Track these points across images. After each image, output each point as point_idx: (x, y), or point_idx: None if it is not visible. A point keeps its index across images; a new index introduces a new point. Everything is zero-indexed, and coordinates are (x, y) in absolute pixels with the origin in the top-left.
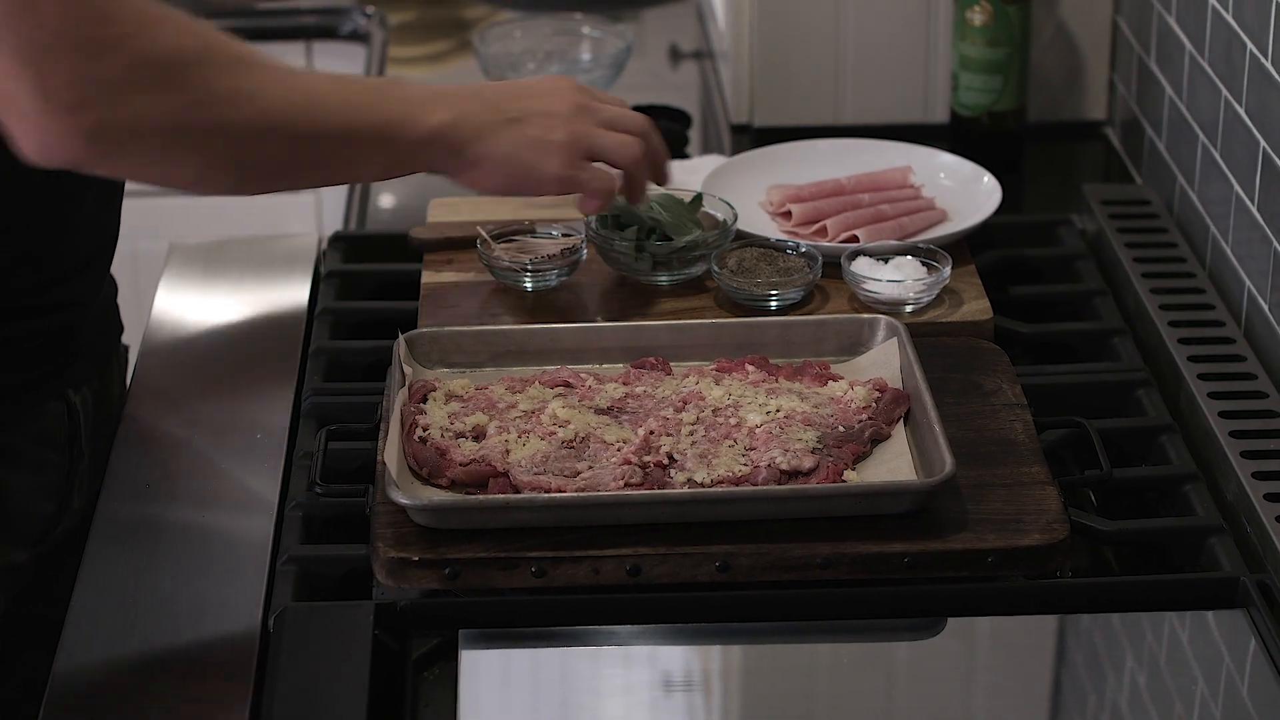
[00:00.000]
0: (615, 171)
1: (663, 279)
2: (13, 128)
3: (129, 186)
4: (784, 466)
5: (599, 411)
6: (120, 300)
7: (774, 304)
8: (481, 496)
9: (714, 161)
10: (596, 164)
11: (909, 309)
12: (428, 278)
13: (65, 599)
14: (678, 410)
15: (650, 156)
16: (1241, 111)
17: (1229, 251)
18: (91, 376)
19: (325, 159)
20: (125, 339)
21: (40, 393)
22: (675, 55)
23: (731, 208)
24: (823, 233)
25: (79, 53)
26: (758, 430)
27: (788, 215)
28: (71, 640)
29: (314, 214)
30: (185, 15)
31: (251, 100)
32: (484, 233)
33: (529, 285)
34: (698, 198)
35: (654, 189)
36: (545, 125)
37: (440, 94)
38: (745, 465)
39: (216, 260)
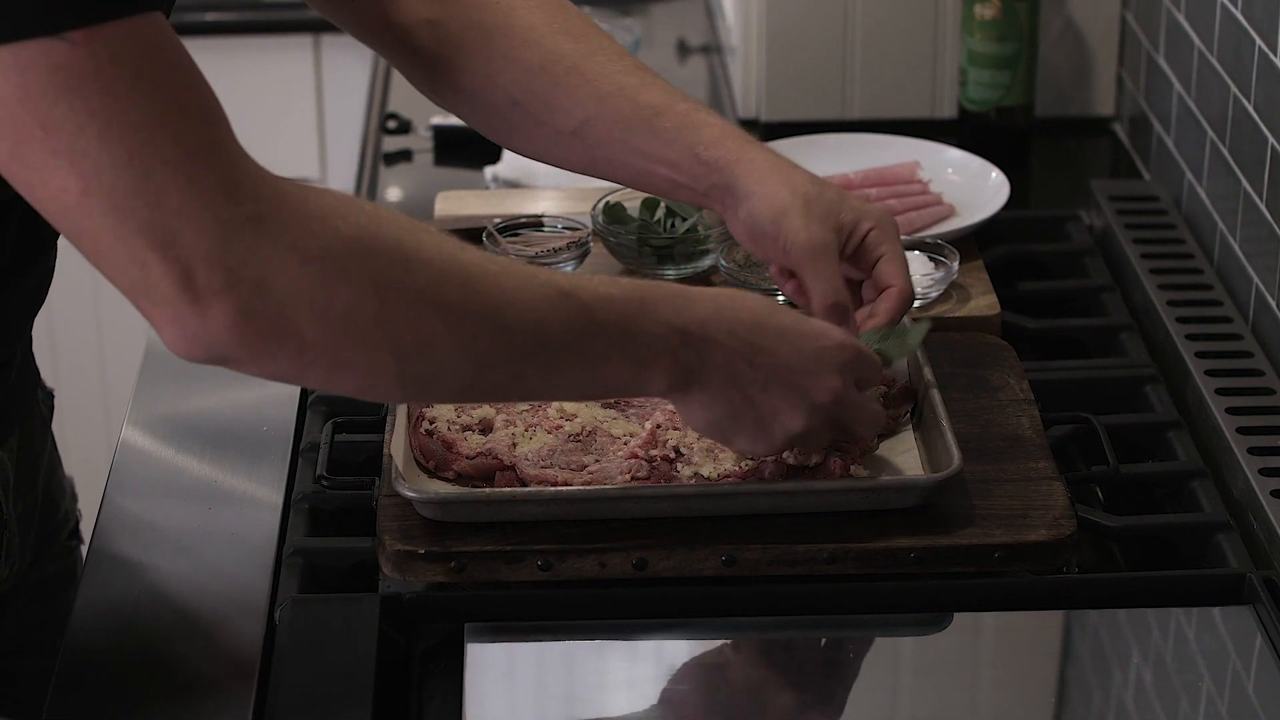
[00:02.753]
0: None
1: (669, 273)
2: (153, 319)
3: None
4: (790, 461)
5: (605, 405)
6: (121, 300)
7: (781, 298)
8: (488, 490)
9: None
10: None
11: (916, 304)
12: None
13: (6, 651)
14: None
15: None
16: (1250, 108)
17: (1237, 248)
18: (9, 437)
19: (512, 384)
20: (126, 340)
21: None
22: (683, 50)
23: None
24: None
25: (213, 234)
26: None
27: None
28: (77, 630)
29: None
30: (333, 191)
31: (434, 308)
32: (491, 226)
33: None
34: None
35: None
36: (782, 410)
37: (682, 331)
38: (751, 460)
39: None
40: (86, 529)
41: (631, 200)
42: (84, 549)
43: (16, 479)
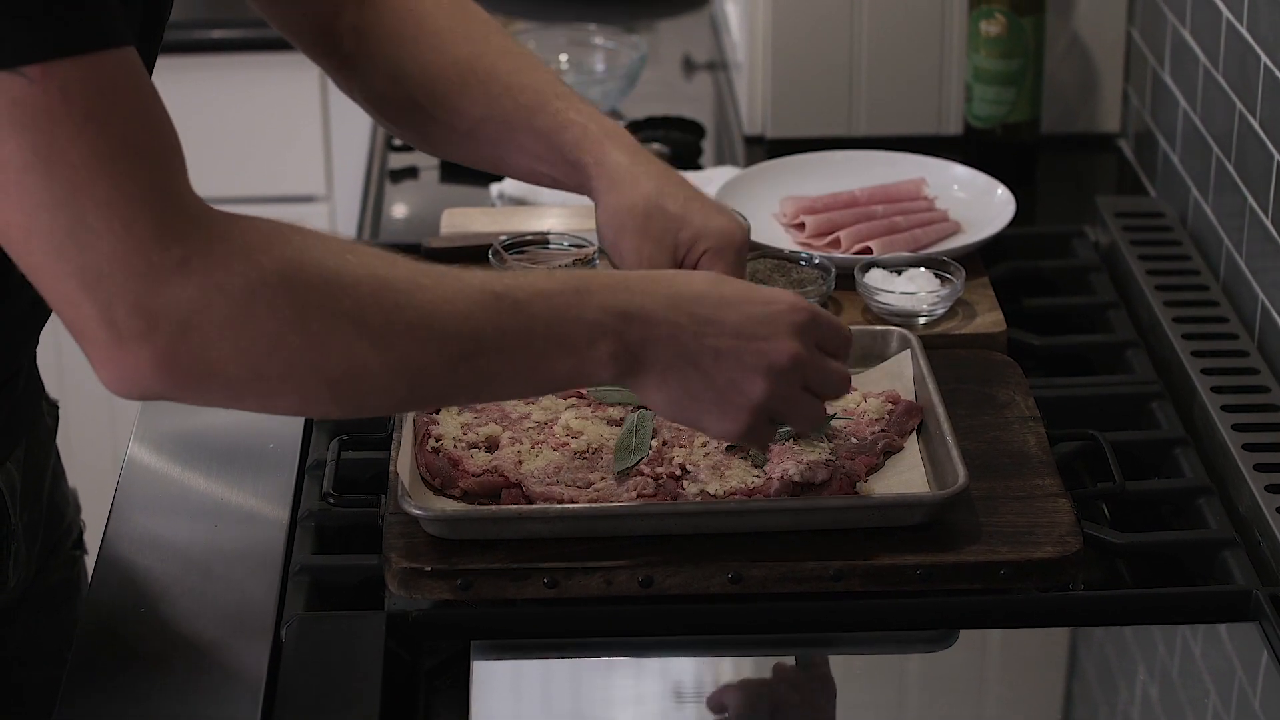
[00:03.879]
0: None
1: None
2: (88, 357)
3: None
4: (796, 478)
5: (612, 423)
6: None
7: None
8: (494, 507)
9: (727, 173)
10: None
11: (922, 321)
12: None
13: (12, 661)
14: None
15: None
16: (1255, 124)
17: (1242, 264)
18: (15, 449)
19: (451, 391)
20: None
21: None
22: (689, 66)
23: (744, 219)
24: (836, 244)
25: (139, 278)
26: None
27: (801, 227)
28: (83, 649)
29: (328, 223)
30: (265, 222)
31: (359, 331)
32: (496, 244)
33: None
34: None
35: None
36: (739, 379)
37: (621, 314)
38: (758, 477)
39: None
40: (92, 543)
41: None
42: (88, 559)
43: (23, 490)
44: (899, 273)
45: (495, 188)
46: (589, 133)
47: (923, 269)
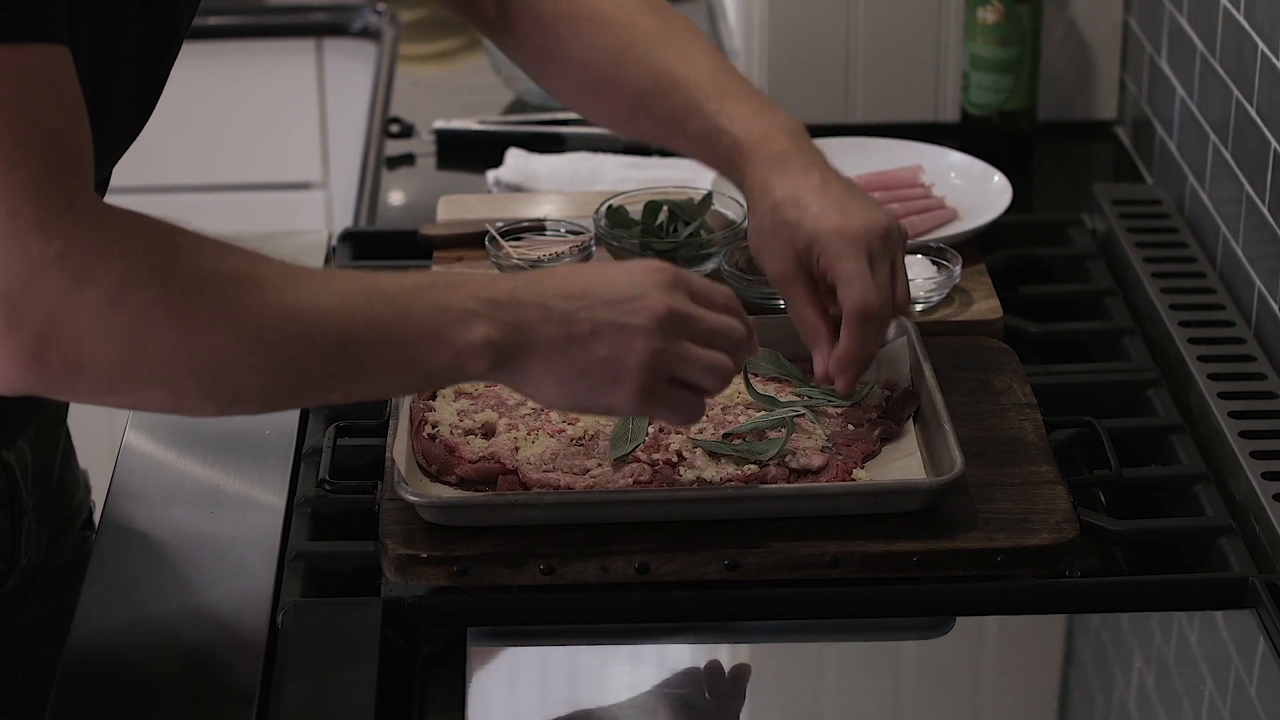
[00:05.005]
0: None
1: None
2: None
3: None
4: (793, 465)
5: None
6: None
7: (784, 303)
8: (490, 494)
9: None
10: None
11: (919, 308)
12: None
13: (20, 641)
14: None
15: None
16: (1252, 111)
17: (1239, 251)
18: (27, 428)
19: (324, 387)
20: None
21: None
22: None
23: (742, 206)
24: None
25: (12, 269)
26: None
27: None
28: (79, 636)
29: (324, 211)
30: (149, 221)
31: (230, 328)
32: (493, 230)
33: None
34: (707, 197)
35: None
36: (622, 344)
37: (491, 300)
38: (754, 464)
39: None
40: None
41: (634, 204)
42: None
43: (34, 468)
44: None
45: (492, 174)
46: (739, 147)
47: (919, 256)
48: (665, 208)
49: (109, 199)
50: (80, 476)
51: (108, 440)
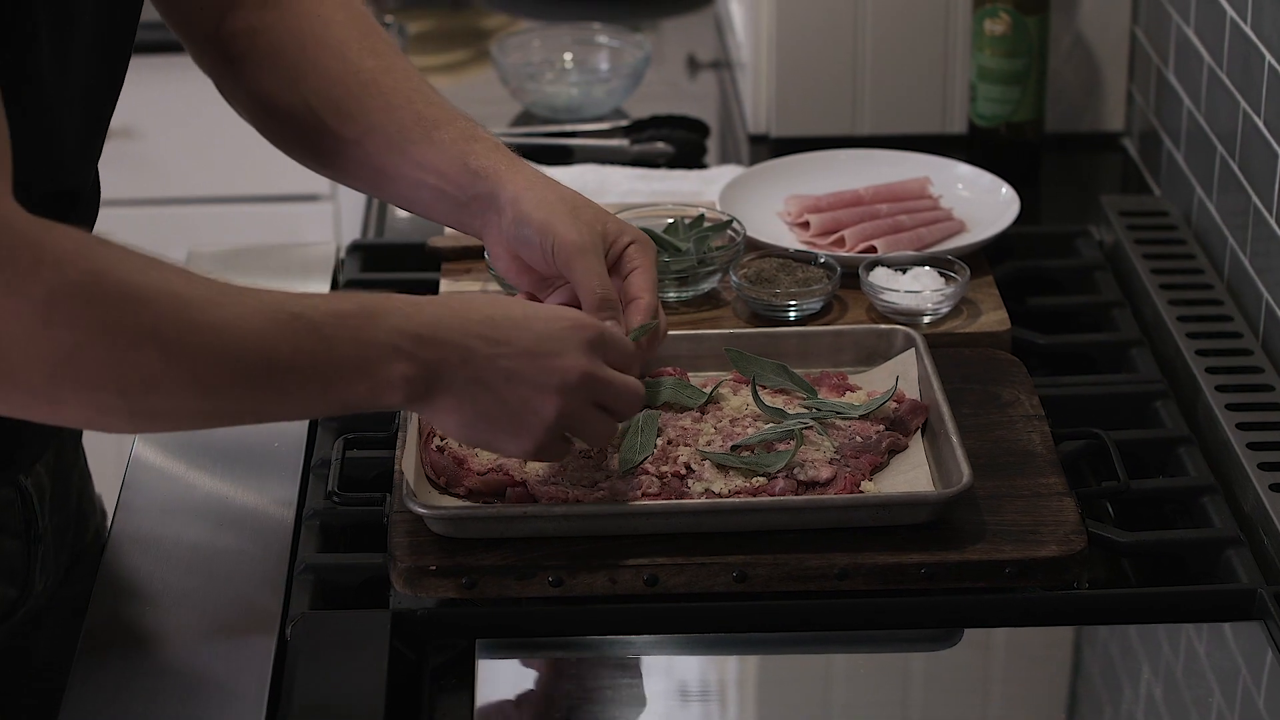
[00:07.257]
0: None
1: (670, 295)
2: None
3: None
4: (801, 477)
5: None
6: None
7: (793, 314)
8: (499, 506)
9: (732, 172)
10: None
11: (927, 319)
12: (446, 286)
13: (38, 667)
14: (695, 420)
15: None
16: (1260, 123)
17: (1247, 263)
18: (45, 453)
19: (240, 410)
20: None
21: None
22: (693, 65)
23: (735, 230)
24: (841, 243)
25: None
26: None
27: (806, 226)
28: (89, 647)
29: (332, 222)
30: (77, 233)
31: (155, 345)
32: None
33: None
34: (699, 218)
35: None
36: (531, 400)
37: (414, 336)
38: (764, 476)
39: (234, 268)
40: None
41: (637, 221)
42: None
43: (52, 493)
44: (903, 271)
45: None
46: (499, 149)
47: (927, 268)
48: (662, 232)
49: (105, 210)
50: (97, 502)
51: (117, 462)
